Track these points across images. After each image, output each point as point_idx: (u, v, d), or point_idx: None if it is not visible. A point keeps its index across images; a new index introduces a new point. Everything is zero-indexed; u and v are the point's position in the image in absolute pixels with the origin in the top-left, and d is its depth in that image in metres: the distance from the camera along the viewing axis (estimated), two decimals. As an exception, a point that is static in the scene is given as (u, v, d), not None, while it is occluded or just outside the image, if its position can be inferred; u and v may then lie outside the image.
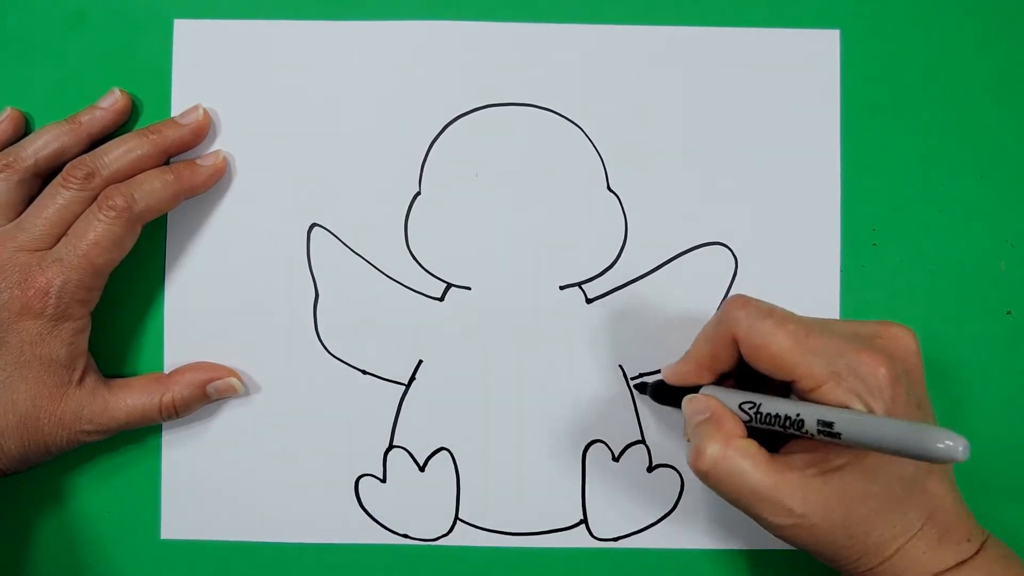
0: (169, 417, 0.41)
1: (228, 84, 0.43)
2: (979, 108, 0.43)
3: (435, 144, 0.43)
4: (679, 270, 0.43)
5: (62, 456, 0.41)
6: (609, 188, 0.43)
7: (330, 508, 0.43)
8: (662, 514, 0.43)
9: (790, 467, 0.34)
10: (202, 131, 0.42)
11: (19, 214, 0.40)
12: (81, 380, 0.39)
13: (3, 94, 0.43)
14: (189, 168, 0.41)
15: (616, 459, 0.43)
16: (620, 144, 0.43)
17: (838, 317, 0.42)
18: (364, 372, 0.43)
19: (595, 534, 0.43)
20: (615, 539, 0.43)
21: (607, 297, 0.43)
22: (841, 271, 0.43)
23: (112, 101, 0.42)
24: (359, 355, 0.43)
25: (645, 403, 0.43)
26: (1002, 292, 0.43)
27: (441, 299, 0.43)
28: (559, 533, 0.43)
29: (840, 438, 0.32)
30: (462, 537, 0.43)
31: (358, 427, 0.43)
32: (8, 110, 0.42)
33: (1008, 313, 0.43)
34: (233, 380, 0.42)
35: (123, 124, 0.42)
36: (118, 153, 0.40)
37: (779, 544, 0.42)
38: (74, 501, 0.43)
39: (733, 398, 0.36)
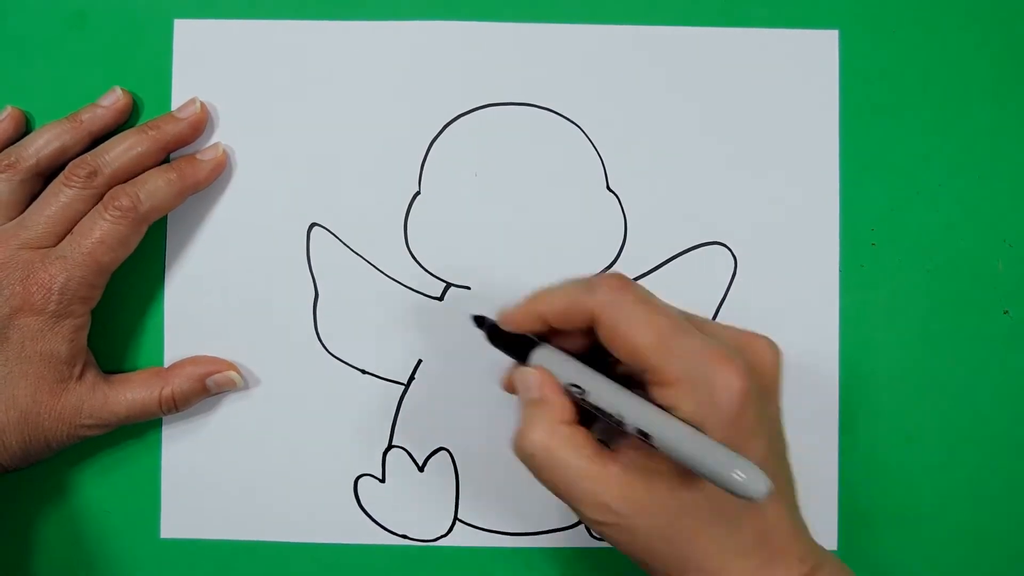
0: (169, 411, 0.41)
1: (228, 84, 0.43)
2: (978, 108, 0.43)
3: (435, 144, 0.43)
4: (679, 270, 0.43)
5: (62, 454, 0.41)
6: (609, 188, 0.43)
7: (329, 508, 0.43)
8: (661, 514, 0.43)
9: (616, 463, 0.32)
10: (200, 124, 0.42)
11: (21, 213, 0.40)
12: (81, 376, 0.39)
13: (4, 93, 0.43)
14: (191, 164, 0.41)
15: (615, 459, 0.43)
16: (620, 144, 0.43)
17: (838, 317, 0.42)
18: (364, 372, 0.43)
19: (594, 534, 0.43)
20: (614, 539, 0.43)
21: (607, 297, 0.43)
22: (840, 271, 0.43)
23: (113, 100, 0.42)
24: (359, 355, 0.43)
25: (644, 403, 0.43)
26: (1000, 292, 0.43)
27: (441, 299, 0.43)
28: (558, 533, 0.43)
29: (649, 440, 0.31)
30: (461, 537, 0.43)
31: (357, 427, 0.43)
32: (8, 109, 0.42)
33: (1005, 312, 0.43)
34: (232, 374, 0.42)
35: (124, 123, 0.42)
36: (119, 151, 0.40)
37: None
38: (74, 500, 0.43)
39: (565, 371, 0.34)
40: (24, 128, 0.42)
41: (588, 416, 0.34)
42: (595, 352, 0.34)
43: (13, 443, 0.38)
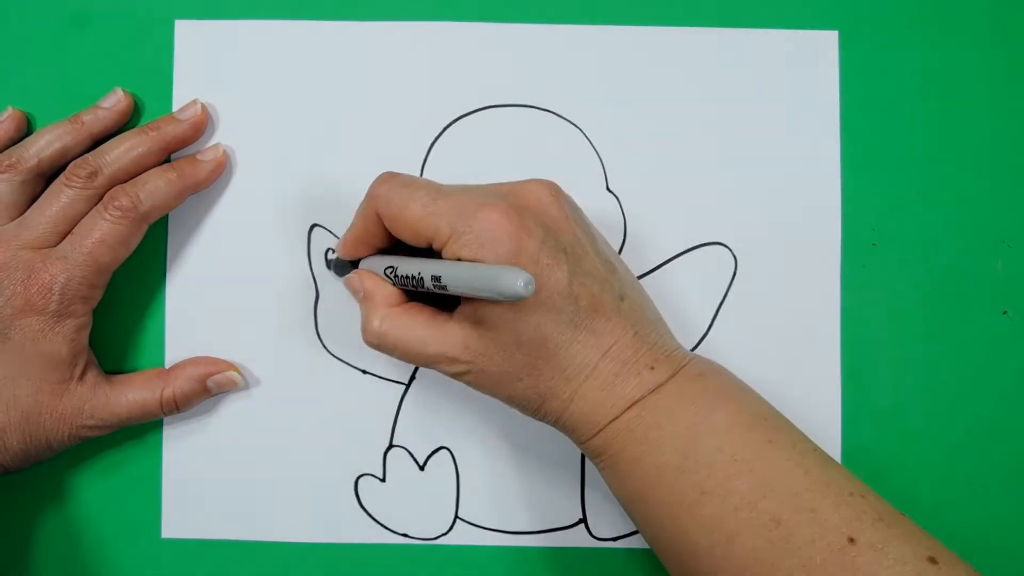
0: (170, 412, 0.41)
1: (229, 84, 0.43)
2: (978, 108, 0.43)
3: (435, 145, 0.43)
4: (679, 270, 0.43)
5: (63, 455, 0.42)
6: (609, 189, 0.43)
7: (330, 507, 0.43)
8: (661, 513, 0.43)
9: (451, 321, 0.35)
10: (201, 125, 0.42)
11: (22, 214, 0.40)
12: (82, 376, 0.40)
13: (4, 94, 0.43)
14: (191, 164, 0.41)
15: (615, 459, 0.43)
16: (620, 144, 0.43)
17: (839, 318, 0.42)
18: (364, 372, 0.43)
19: (595, 533, 0.43)
20: (614, 539, 0.43)
21: (607, 297, 0.43)
22: (841, 271, 0.43)
23: (115, 101, 0.42)
24: (359, 355, 0.43)
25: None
26: (999, 292, 0.43)
27: (441, 299, 0.43)
28: (558, 532, 0.43)
29: (447, 290, 0.34)
30: (462, 536, 0.43)
31: (358, 426, 0.43)
32: (9, 110, 0.42)
33: (1004, 313, 0.43)
34: (233, 374, 0.42)
35: (125, 124, 0.42)
36: (120, 151, 0.40)
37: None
38: (75, 500, 0.43)
39: (381, 264, 0.38)
40: (25, 129, 0.43)
41: (418, 296, 0.37)
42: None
43: (14, 443, 0.39)
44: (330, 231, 0.43)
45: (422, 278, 0.35)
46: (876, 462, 0.42)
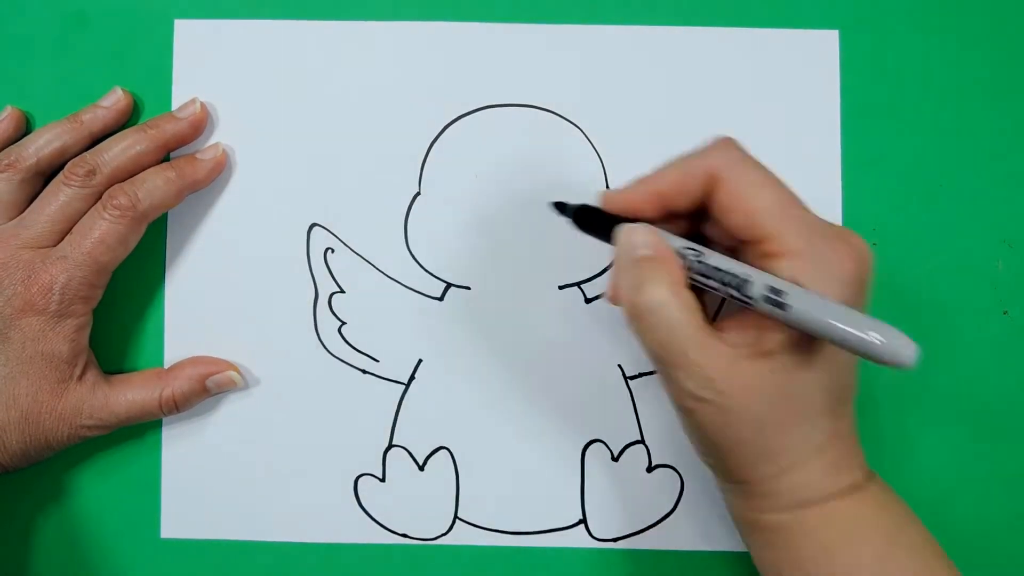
0: (169, 412, 0.41)
1: (228, 84, 0.43)
2: (978, 108, 0.43)
3: (435, 144, 0.43)
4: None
5: (62, 455, 0.42)
6: (609, 188, 0.43)
7: (330, 507, 0.43)
8: (662, 514, 0.43)
9: (725, 340, 0.31)
10: (200, 124, 0.42)
11: (21, 213, 0.40)
12: (82, 376, 0.40)
13: (4, 93, 0.43)
14: (190, 163, 0.41)
15: (615, 459, 0.43)
16: (620, 144, 0.43)
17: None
18: (364, 372, 0.43)
19: (594, 534, 0.43)
20: (614, 539, 0.43)
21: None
22: (840, 271, 0.43)
23: (114, 100, 0.42)
24: (358, 355, 0.43)
25: (644, 402, 0.43)
26: (1000, 292, 0.43)
27: (441, 299, 0.43)
28: (558, 533, 0.43)
29: (786, 310, 0.29)
30: (461, 536, 0.43)
31: (357, 426, 0.43)
32: (8, 109, 0.42)
33: (1005, 313, 0.43)
34: (232, 374, 0.42)
35: (125, 123, 0.42)
36: (118, 150, 0.40)
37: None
38: (74, 500, 0.43)
39: (673, 241, 0.32)
40: (24, 128, 0.43)
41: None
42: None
43: (13, 443, 0.39)
44: (329, 231, 0.43)
45: (748, 281, 0.30)
46: (876, 463, 0.42)
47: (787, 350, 0.31)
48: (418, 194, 0.43)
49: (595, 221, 0.34)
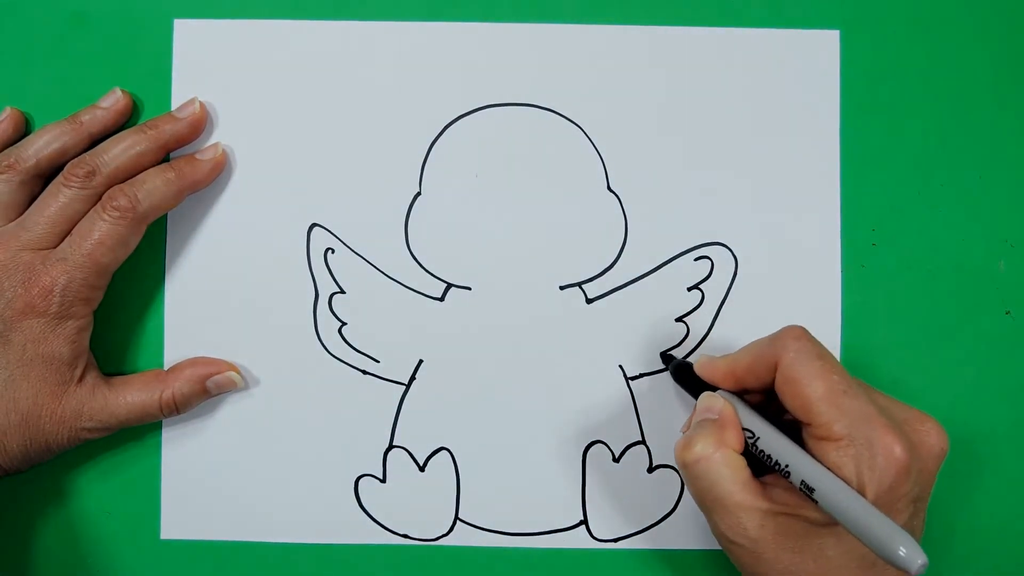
0: (170, 413, 0.41)
1: (228, 84, 0.43)
2: (979, 108, 0.43)
3: (435, 144, 0.43)
4: (679, 270, 0.43)
5: (62, 457, 0.41)
6: (609, 188, 0.43)
7: (330, 508, 0.43)
8: (662, 515, 0.43)
9: (765, 495, 0.34)
10: (199, 124, 0.42)
11: (21, 215, 0.40)
12: (82, 378, 0.39)
13: (3, 94, 0.43)
14: (190, 164, 0.41)
15: (616, 460, 0.43)
16: (620, 144, 0.43)
17: (839, 318, 0.42)
18: (364, 372, 0.43)
19: (595, 535, 0.43)
20: (615, 540, 0.43)
21: (607, 297, 0.43)
22: (841, 271, 0.43)
23: (113, 101, 0.42)
24: (358, 355, 0.43)
25: (645, 403, 0.43)
26: (1001, 292, 0.43)
27: (441, 299, 0.43)
28: (559, 534, 0.43)
29: (815, 501, 0.33)
30: (462, 537, 0.43)
31: (358, 427, 0.43)
32: (8, 110, 0.42)
33: (1007, 313, 0.43)
34: (232, 374, 0.42)
35: (124, 124, 0.42)
36: (118, 150, 0.40)
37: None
38: (74, 502, 0.43)
39: (741, 416, 0.36)
40: (24, 129, 0.42)
41: (751, 457, 0.36)
42: (763, 409, 0.37)
43: (14, 446, 0.38)
44: (330, 231, 0.43)
45: (788, 471, 0.34)
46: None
47: (824, 521, 0.34)
48: (418, 194, 0.43)
49: (690, 379, 0.40)
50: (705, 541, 0.43)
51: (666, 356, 0.42)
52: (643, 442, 0.43)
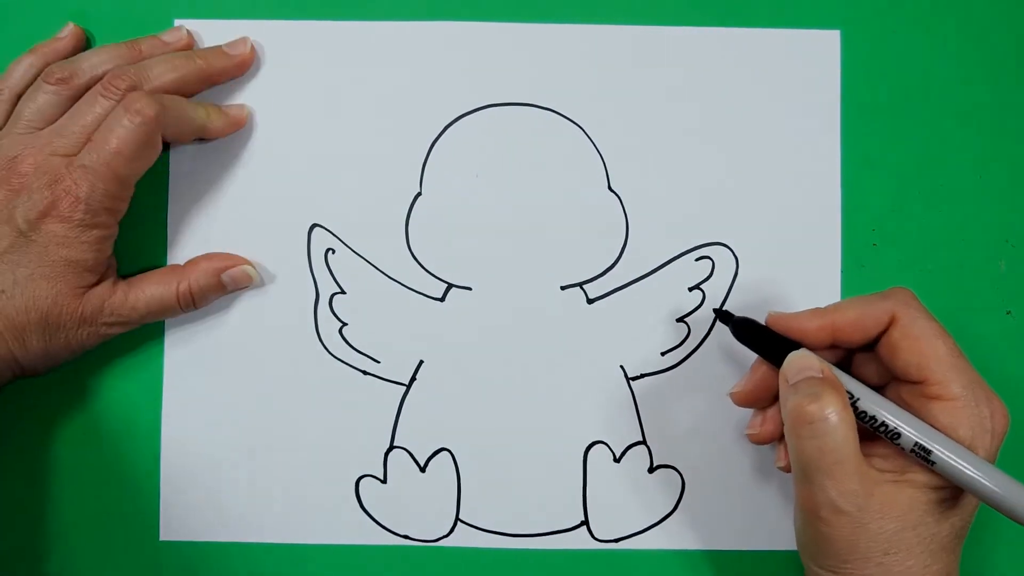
0: (187, 306, 0.41)
1: (228, 84, 0.43)
2: (979, 108, 0.43)
3: (436, 144, 0.43)
4: (680, 270, 0.43)
5: (62, 459, 0.41)
6: (610, 188, 0.43)
7: (331, 509, 0.42)
8: (663, 515, 0.43)
9: (868, 462, 0.34)
10: (246, 65, 0.42)
11: None
12: (101, 279, 0.40)
13: (2, 94, 0.43)
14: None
15: (617, 460, 0.43)
16: (620, 144, 0.43)
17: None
18: (364, 372, 0.43)
19: (596, 535, 0.43)
20: (616, 540, 0.43)
21: (608, 297, 0.43)
22: (841, 271, 0.43)
23: (176, 37, 0.42)
24: (359, 355, 0.43)
25: (646, 403, 0.43)
26: (1002, 292, 0.43)
27: (442, 299, 0.43)
28: (560, 534, 0.43)
29: (932, 465, 0.33)
30: (463, 538, 0.43)
31: (358, 428, 0.43)
32: (70, 26, 0.42)
33: (1008, 313, 0.43)
34: (248, 268, 0.42)
35: None
36: (162, 69, 0.40)
37: (778, 545, 0.42)
38: (73, 503, 0.43)
39: (839, 377, 0.35)
40: (84, 48, 0.42)
41: None
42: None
43: (34, 342, 0.38)
44: (330, 231, 0.43)
45: (898, 433, 0.34)
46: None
47: (931, 487, 0.34)
48: (419, 194, 0.43)
49: (758, 336, 0.38)
50: (706, 541, 0.42)
51: (724, 314, 0.39)
52: (644, 442, 0.43)
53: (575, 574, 0.43)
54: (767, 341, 0.37)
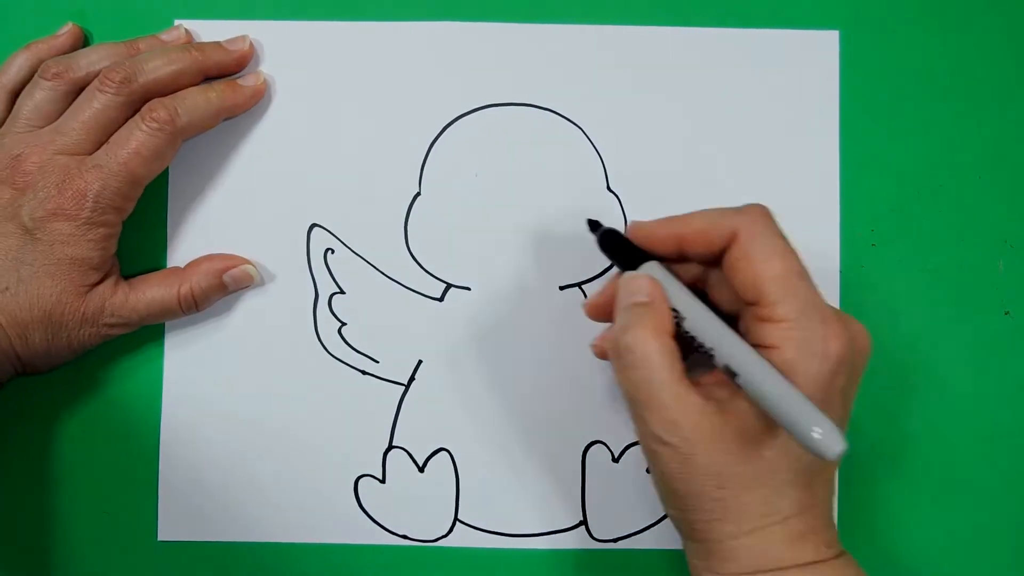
0: (188, 309, 0.41)
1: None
2: (979, 108, 0.43)
3: (435, 144, 0.43)
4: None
5: (61, 462, 0.42)
6: (609, 189, 0.43)
7: (329, 508, 0.42)
8: (662, 515, 0.43)
9: (699, 392, 0.32)
10: (245, 61, 0.42)
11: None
12: (104, 279, 0.40)
13: (2, 93, 0.43)
14: (231, 87, 0.41)
15: (616, 460, 0.43)
16: (620, 144, 0.43)
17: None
18: (363, 372, 0.43)
19: (595, 535, 0.43)
20: (615, 540, 0.43)
21: (607, 297, 0.43)
22: (841, 271, 0.43)
23: (175, 37, 0.42)
24: (358, 355, 0.43)
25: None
26: (1000, 292, 0.43)
27: (441, 299, 0.43)
28: (559, 534, 0.43)
29: (739, 385, 0.31)
30: (461, 538, 0.43)
31: (357, 427, 0.43)
32: (69, 25, 0.42)
33: (1006, 314, 0.43)
34: (249, 268, 0.42)
35: None
36: (158, 63, 0.40)
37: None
38: (72, 503, 0.43)
39: (671, 292, 0.34)
40: (81, 46, 0.42)
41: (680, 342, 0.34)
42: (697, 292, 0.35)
43: (37, 340, 0.39)
44: (330, 231, 0.43)
45: (712, 354, 0.32)
46: (876, 463, 0.42)
47: (755, 415, 0.32)
48: (418, 194, 0.43)
49: (618, 247, 0.36)
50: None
51: (593, 222, 0.38)
52: (643, 442, 0.43)
53: (574, 574, 0.43)
54: (626, 252, 0.36)
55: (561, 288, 0.43)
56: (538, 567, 0.43)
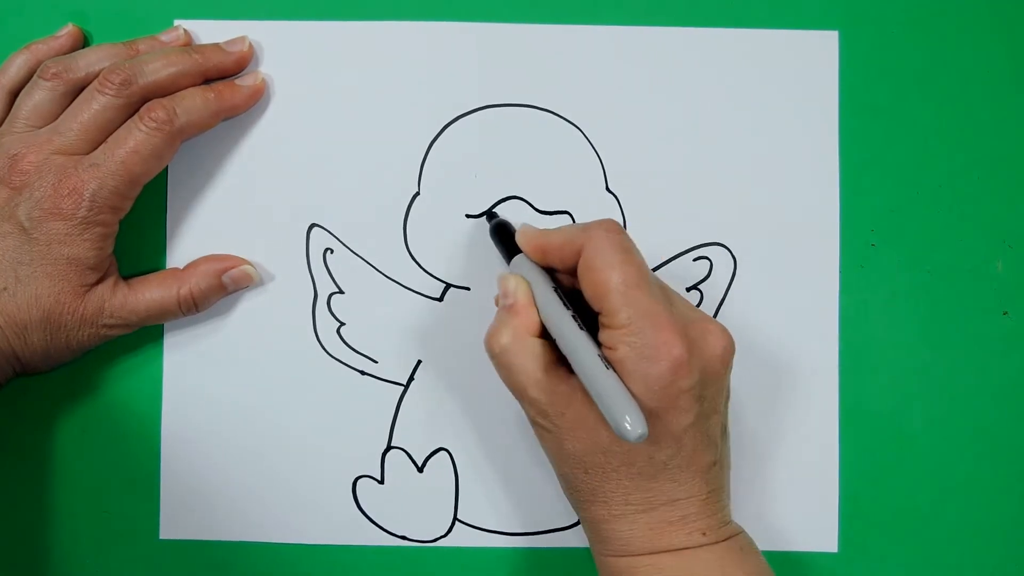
0: (188, 310, 0.41)
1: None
2: (978, 109, 0.43)
3: (434, 144, 0.43)
4: (678, 270, 0.43)
5: (61, 462, 0.42)
6: (608, 189, 0.43)
7: (328, 509, 0.42)
8: (661, 515, 0.42)
9: (567, 383, 0.35)
10: (244, 62, 0.42)
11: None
12: (103, 279, 0.40)
13: (2, 94, 0.43)
14: (229, 88, 0.41)
15: (615, 460, 0.43)
16: (619, 145, 0.43)
17: (837, 318, 0.42)
18: (362, 373, 0.43)
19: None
20: (614, 540, 0.43)
21: (606, 297, 0.43)
22: (840, 271, 0.43)
23: (174, 36, 0.42)
24: (357, 356, 0.43)
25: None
26: (999, 293, 0.43)
27: (440, 299, 0.43)
28: (557, 533, 0.43)
29: (574, 369, 0.34)
30: (461, 538, 0.43)
31: (356, 428, 0.43)
32: (69, 26, 0.42)
33: (1005, 314, 0.43)
34: (248, 268, 0.42)
35: None
36: (158, 65, 0.40)
37: (777, 545, 0.42)
38: (73, 502, 0.43)
39: (541, 285, 0.37)
40: (81, 47, 0.42)
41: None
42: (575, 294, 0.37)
43: (35, 340, 0.39)
44: (329, 231, 0.43)
45: (556, 341, 0.35)
46: (875, 463, 0.42)
47: None
48: (417, 194, 0.43)
49: (507, 239, 0.40)
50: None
51: (491, 214, 0.42)
52: (642, 442, 0.43)
53: (573, 573, 0.43)
54: (510, 246, 0.39)
55: (560, 288, 0.43)
56: (538, 566, 0.43)
